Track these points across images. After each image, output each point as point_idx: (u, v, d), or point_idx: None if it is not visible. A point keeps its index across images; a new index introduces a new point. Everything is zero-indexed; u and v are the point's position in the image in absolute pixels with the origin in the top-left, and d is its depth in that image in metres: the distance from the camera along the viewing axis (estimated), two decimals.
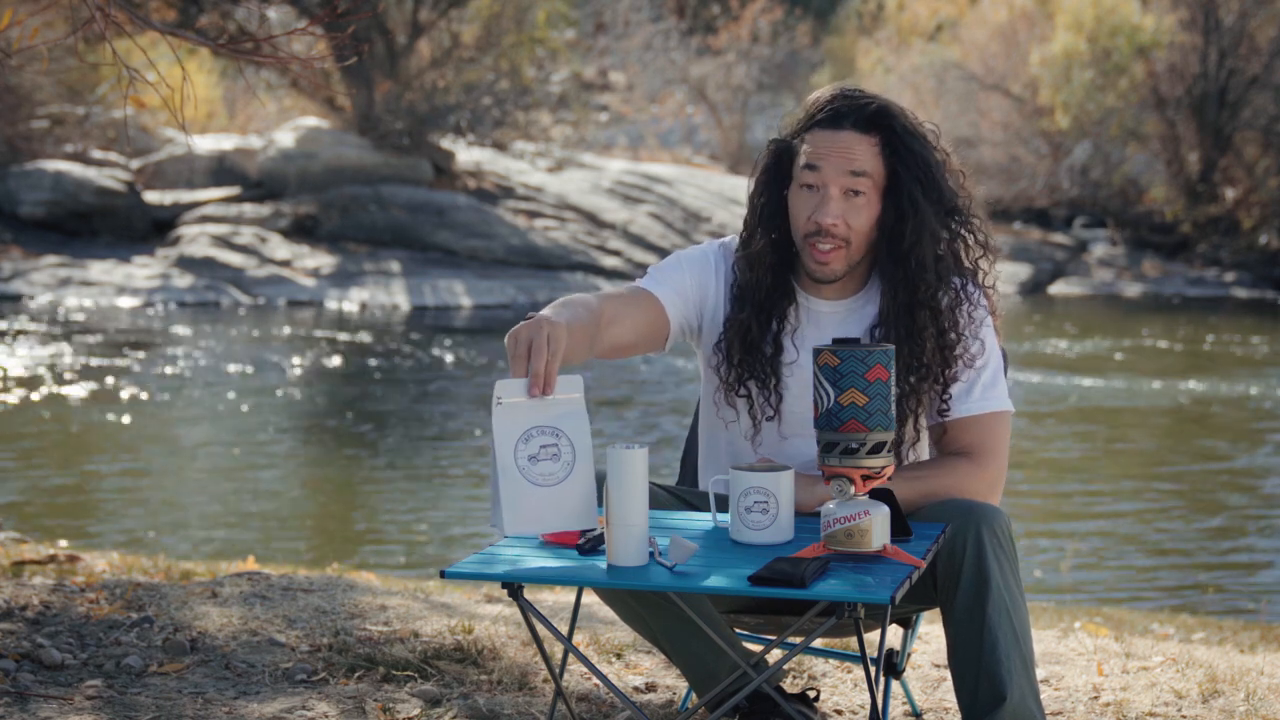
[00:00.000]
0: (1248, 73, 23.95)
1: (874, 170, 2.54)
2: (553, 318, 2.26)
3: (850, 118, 2.54)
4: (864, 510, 2.20)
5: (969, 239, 2.62)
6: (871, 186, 2.54)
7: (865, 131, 2.54)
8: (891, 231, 2.57)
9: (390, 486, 9.04)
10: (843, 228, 2.55)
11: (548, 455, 2.22)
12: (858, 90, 2.59)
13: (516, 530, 2.22)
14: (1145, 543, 8.07)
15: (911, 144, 2.55)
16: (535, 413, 2.21)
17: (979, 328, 2.61)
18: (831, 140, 2.54)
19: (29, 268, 18.19)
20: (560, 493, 2.22)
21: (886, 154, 2.55)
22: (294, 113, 23.76)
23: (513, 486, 2.21)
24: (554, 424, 2.22)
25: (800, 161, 2.58)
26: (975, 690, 2.37)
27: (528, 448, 2.21)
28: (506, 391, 2.21)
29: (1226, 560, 7.76)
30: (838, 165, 2.53)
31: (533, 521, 2.22)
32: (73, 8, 3.53)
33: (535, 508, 2.21)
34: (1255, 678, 3.41)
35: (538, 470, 2.22)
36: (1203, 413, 12.10)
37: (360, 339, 15.49)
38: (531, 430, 2.21)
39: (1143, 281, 22.22)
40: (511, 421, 2.21)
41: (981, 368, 2.62)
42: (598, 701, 3.14)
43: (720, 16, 31.70)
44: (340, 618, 3.67)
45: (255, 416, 11.31)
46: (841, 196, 2.54)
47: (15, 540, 5.65)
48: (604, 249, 20.37)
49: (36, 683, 3.07)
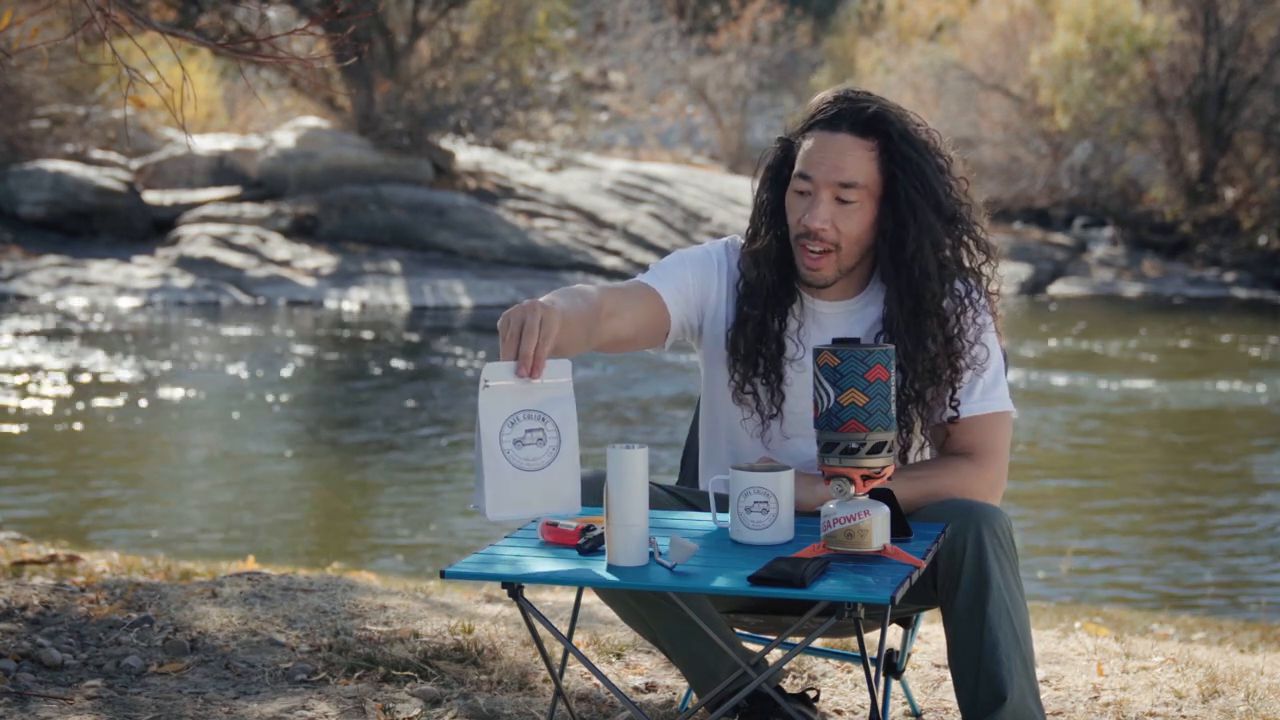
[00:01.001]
0: (1248, 73, 23.95)
1: (867, 178, 2.54)
2: (546, 302, 2.25)
3: (848, 120, 2.54)
4: (864, 510, 2.20)
5: (971, 245, 2.62)
6: (865, 194, 2.54)
7: (862, 135, 2.54)
8: (892, 237, 2.56)
9: (390, 486, 9.04)
10: (831, 232, 2.55)
11: (533, 439, 2.21)
12: (859, 92, 2.59)
13: (498, 514, 2.20)
14: (1145, 543, 8.07)
15: (908, 151, 2.54)
16: (522, 396, 2.20)
17: (982, 331, 2.61)
18: (826, 144, 2.54)
19: (29, 268, 18.19)
20: (544, 478, 2.21)
21: (883, 159, 2.55)
22: (294, 113, 23.76)
23: (496, 470, 2.20)
24: (540, 408, 2.21)
25: (796, 165, 2.58)
26: (975, 690, 2.37)
27: (513, 431, 2.20)
28: (494, 374, 2.20)
29: (1226, 560, 7.76)
30: (827, 174, 2.53)
31: (515, 505, 2.21)
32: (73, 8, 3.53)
33: (518, 492, 2.20)
34: (1255, 678, 3.41)
35: (522, 454, 2.20)
36: (1203, 412, 12.10)
37: (360, 339, 15.49)
38: (518, 414, 2.21)
39: (1143, 281, 22.22)
40: (498, 404, 2.20)
41: (982, 369, 2.62)
42: (598, 701, 3.14)
43: (720, 16, 31.68)
44: (340, 618, 3.67)
45: (255, 416, 11.31)
46: (832, 201, 2.54)
47: (15, 540, 5.65)
48: (604, 249, 20.37)
49: (36, 683, 3.07)
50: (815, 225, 2.54)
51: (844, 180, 2.53)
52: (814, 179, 2.54)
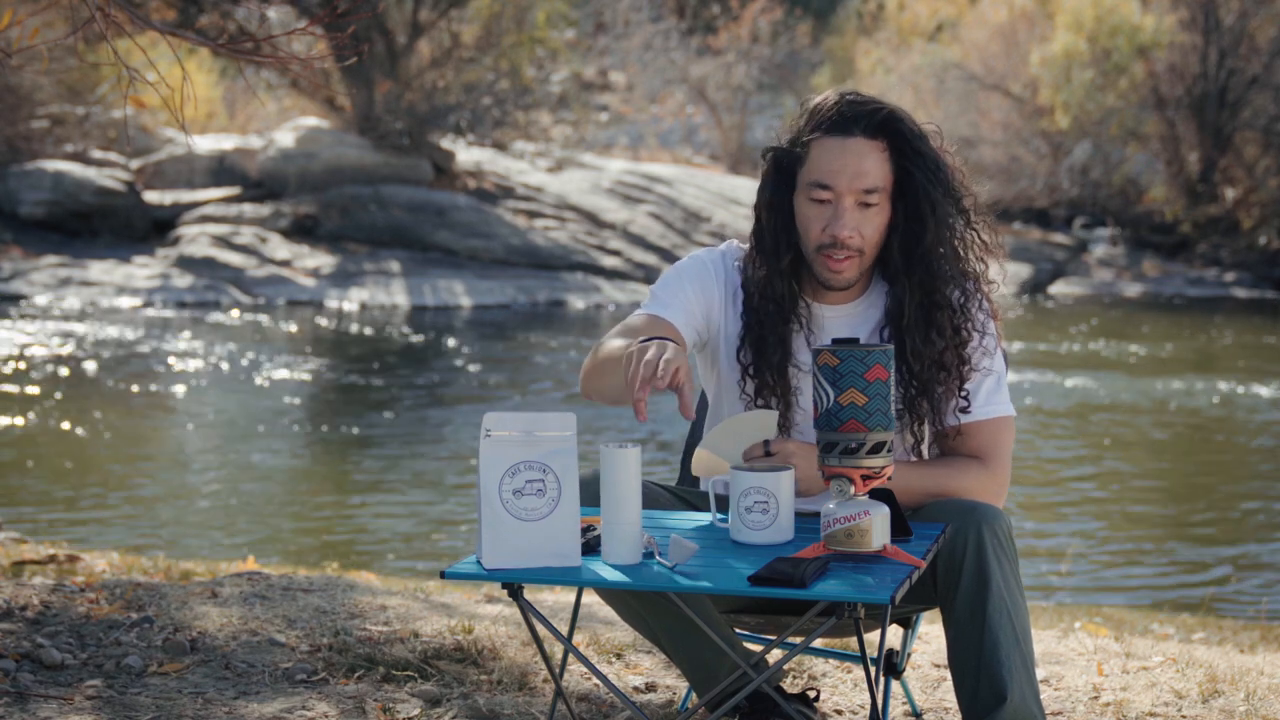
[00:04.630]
0: (1248, 73, 23.95)
1: (885, 180, 2.54)
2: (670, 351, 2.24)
3: (860, 124, 2.53)
4: (864, 510, 2.20)
5: (976, 237, 2.63)
6: (884, 196, 2.55)
7: (874, 137, 2.53)
8: (904, 233, 2.56)
9: (390, 486, 9.04)
10: (858, 239, 2.55)
11: (533, 490, 2.21)
12: (862, 95, 2.58)
13: (494, 563, 2.20)
14: (1145, 543, 8.07)
15: (921, 146, 2.55)
16: (524, 448, 2.21)
17: (986, 322, 2.62)
18: (841, 150, 2.53)
19: (29, 268, 18.19)
20: (543, 528, 2.21)
21: (895, 158, 2.55)
22: (294, 113, 23.76)
23: (494, 519, 2.20)
24: (542, 460, 2.22)
25: (809, 173, 2.56)
26: (975, 690, 2.37)
27: (513, 481, 2.21)
28: (495, 424, 2.21)
29: (1227, 560, 7.76)
30: (850, 182, 2.52)
31: (512, 555, 2.21)
32: (73, 8, 3.53)
33: (515, 542, 2.20)
34: (1255, 678, 3.41)
35: (521, 505, 2.21)
36: (1203, 412, 12.10)
37: (360, 339, 15.49)
38: (519, 465, 2.21)
39: (1143, 281, 22.23)
40: (499, 454, 2.21)
41: (986, 373, 2.62)
42: (598, 701, 3.14)
43: (720, 16, 31.69)
44: (340, 618, 3.67)
45: (255, 416, 11.31)
46: (855, 208, 2.54)
47: (15, 540, 5.65)
48: (604, 249, 20.37)
49: (36, 683, 3.07)
50: (844, 235, 2.53)
51: (867, 185, 2.52)
52: (835, 188, 2.53)
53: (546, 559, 2.22)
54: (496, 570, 2.21)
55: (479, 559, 2.24)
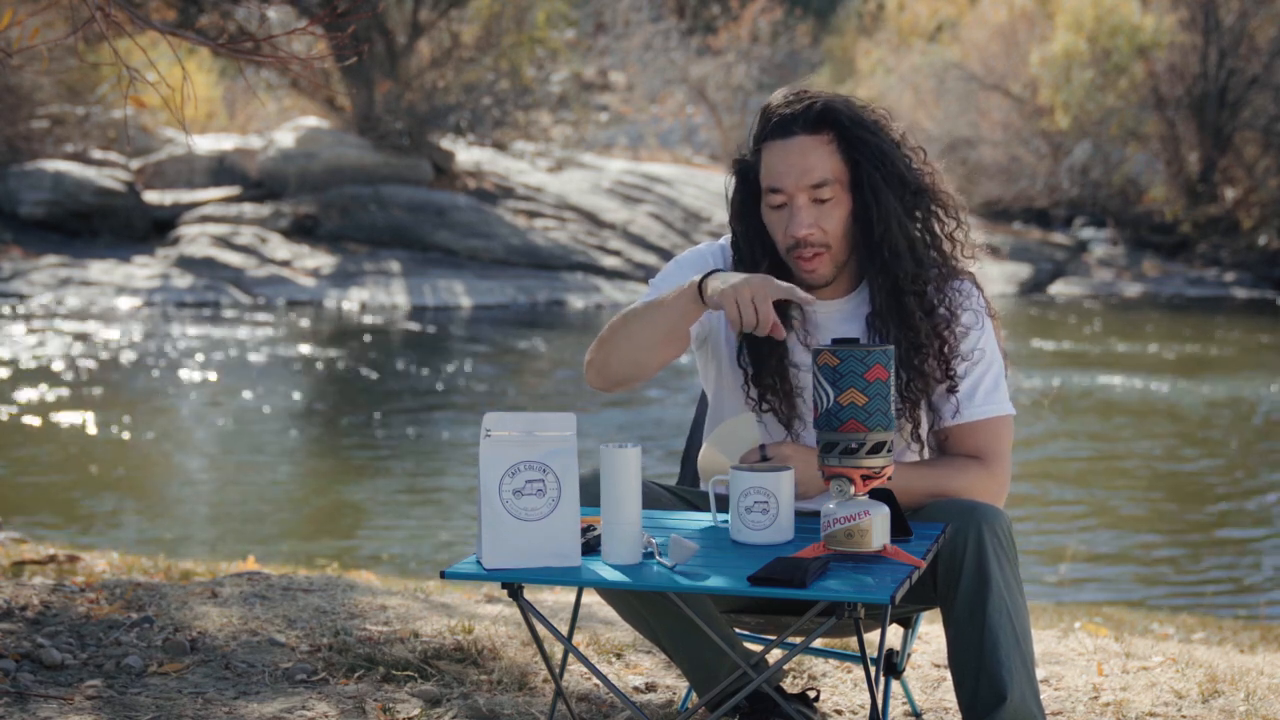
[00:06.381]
0: (1248, 73, 23.96)
1: (834, 171, 2.54)
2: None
3: (798, 121, 2.55)
4: (864, 510, 2.20)
5: (940, 213, 2.62)
6: (838, 188, 2.55)
7: (815, 132, 2.54)
8: (862, 220, 2.57)
9: (391, 486, 9.04)
10: (819, 234, 2.55)
11: (533, 490, 2.21)
12: (800, 91, 2.59)
13: (494, 563, 2.21)
14: (1145, 543, 8.07)
15: (862, 134, 2.55)
16: (524, 448, 2.22)
17: (964, 301, 2.61)
18: (785, 152, 2.55)
19: (29, 268, 18.19)
20: (543, 528, 2.21)
21: (842, 148, 2.55)
22: (294, 113, 23.76)
23: (494, 519, 2.20)
24: (542, 460, 2.22)
25: (764, 179, 2.59)
26: (975, 690, 2.36)
27: (513, 481, 2.21)
28: (495, 424, 2.21)
29: (1226, 560, 7.76)
30: (797, 180, 2.54)
31: (512, 555, 2.21)
32: (73, 8, 3.53)
33: (515, 542, 2.21)
34: (1255, 678, 3.41)
35: (521, 505, 2.21)
36: (1203, 412, 12.10)
37: (360, 339, 15.49)
38: (519, 464, 2.21)
39: (1143, 281, 22.23)
40: (499, 454, 2.21)
41: (984, 372, 2.62)
42: (598, 701, 3.14)
43: (720, 16, 31.69)
44: (340, 618, 3.67)
45: (255, 416, 11.31)
46: (810, 205, 2.55)
47: (15, 540, 5.65)
48: (604, 249, 20.38)
49: (36, 683, 3.07)
50: (802, 233, 2.54)
51: (814, 181, 2.54)
52: (785, 189, 2.55)
53: (546, 559, 2.22)
54: (496, 570, 2.21)
55: (479, 559, 2.24)
